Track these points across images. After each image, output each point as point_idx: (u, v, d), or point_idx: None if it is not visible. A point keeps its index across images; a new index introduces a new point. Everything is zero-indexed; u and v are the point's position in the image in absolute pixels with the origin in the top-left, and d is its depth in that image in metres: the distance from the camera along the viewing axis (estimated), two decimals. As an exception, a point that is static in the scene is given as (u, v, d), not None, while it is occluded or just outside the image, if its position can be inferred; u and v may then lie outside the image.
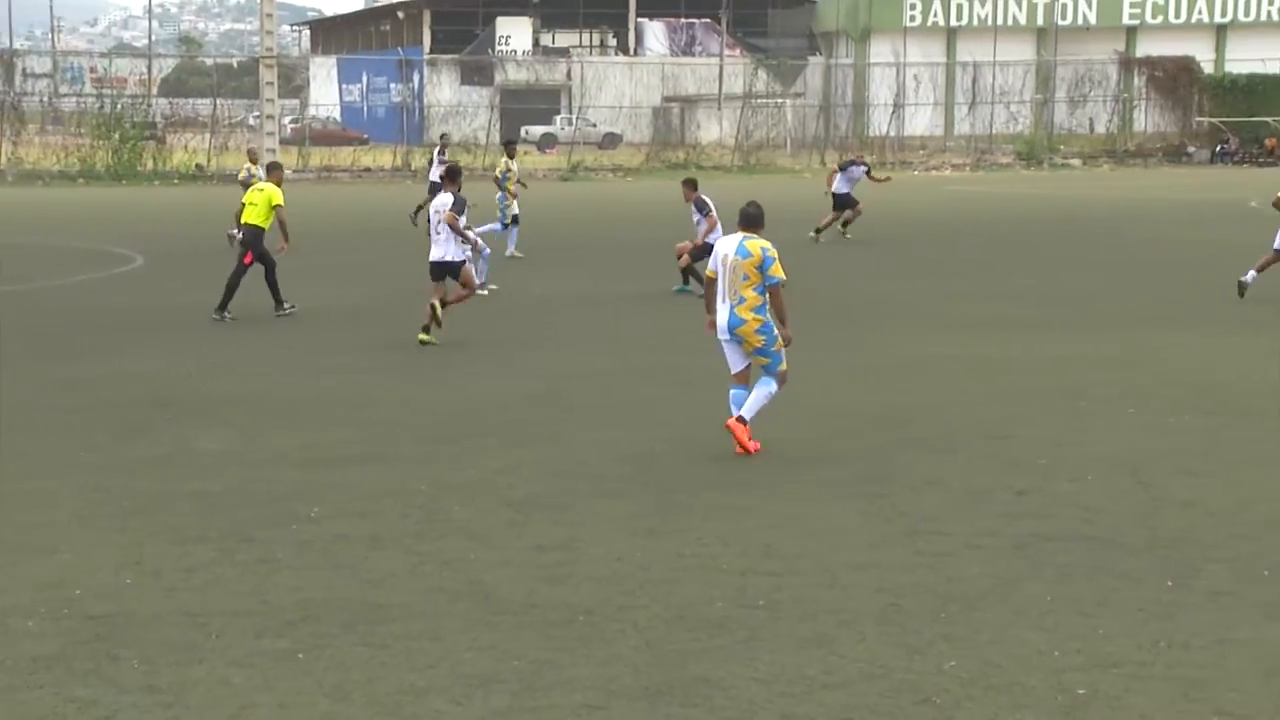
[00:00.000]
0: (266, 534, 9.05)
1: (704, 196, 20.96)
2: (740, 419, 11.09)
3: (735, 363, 11.32)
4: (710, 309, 11.33)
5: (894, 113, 73.95)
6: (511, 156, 26.95)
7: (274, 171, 19.83)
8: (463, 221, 16.92)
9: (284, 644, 7.14)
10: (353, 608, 7.67)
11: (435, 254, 16.85)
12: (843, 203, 29.74)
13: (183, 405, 13.35)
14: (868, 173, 30.59)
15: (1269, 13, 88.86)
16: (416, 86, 76.44)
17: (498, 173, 26.62)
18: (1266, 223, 34.69)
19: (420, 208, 29.50)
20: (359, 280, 23.40)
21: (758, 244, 11.06)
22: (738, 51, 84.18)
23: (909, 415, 12.63)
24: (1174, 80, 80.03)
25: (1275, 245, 20.29)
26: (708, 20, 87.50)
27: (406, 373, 15.07)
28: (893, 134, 72.81)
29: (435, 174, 34.30)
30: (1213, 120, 76.80)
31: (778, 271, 10.99)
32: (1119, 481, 10.23)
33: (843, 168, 30.38)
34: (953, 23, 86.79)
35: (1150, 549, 8.60)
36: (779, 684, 6.60)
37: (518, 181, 26.80)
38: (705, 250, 20.53)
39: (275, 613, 7.59)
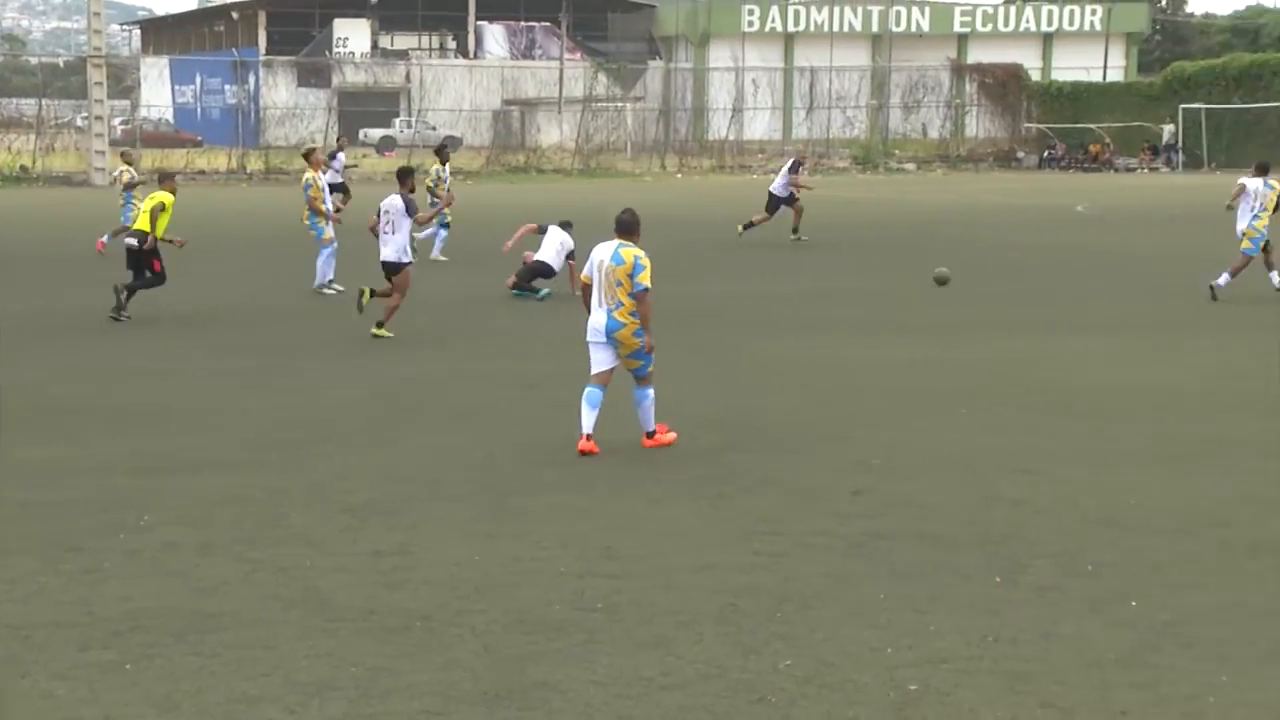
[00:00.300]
0: (94, 543, 8.84)
1: (554, 227, 21.18)
2: (648, 434, 11.51)
3: (600, 363, 11.48)
4: (590, 311, 11.56)
5: (733, 117, 74.62)
6: (444, 162, 26.93)
7: (167, 180, 20.21)
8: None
9: (110, 655, 6.98)
10: (183, 617, 7.52)
11: (386, 254, 17.14)
12: (779, 202, 30.37)
13: (11, 414, 12.98)
14: (793, 169, 31.16)
15: (1091, 23, 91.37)
16: (252, 88, 75.30)
17: (428, 181, 26.44)
18: (1092, 228, 35.59)
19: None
20: (201, 285, 22.93)
21: (631, 251, 11.32)
22: (578, 55, 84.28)
23: (750, 416, 12.73)
24: (1003, 87, 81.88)
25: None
26: (548, 24, 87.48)
27: (250, 378, 14.83)
28: (732, 138, 73.46)
29: (329, 178, 34.05)
30: (1040, 126, 78.66)
31: (645, 279, 11.27)
32: (952, 480, 10.41)
33: (793, 169, 30.94)
34: (790, 28, 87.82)
35: (981, 546, 8.76)
36: (616, 686, 6.61)
37: (447, 189, 26.59)
38: (533, 269, 20.83)
39: (101, 623, 7.42)
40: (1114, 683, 6.56)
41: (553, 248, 20.94)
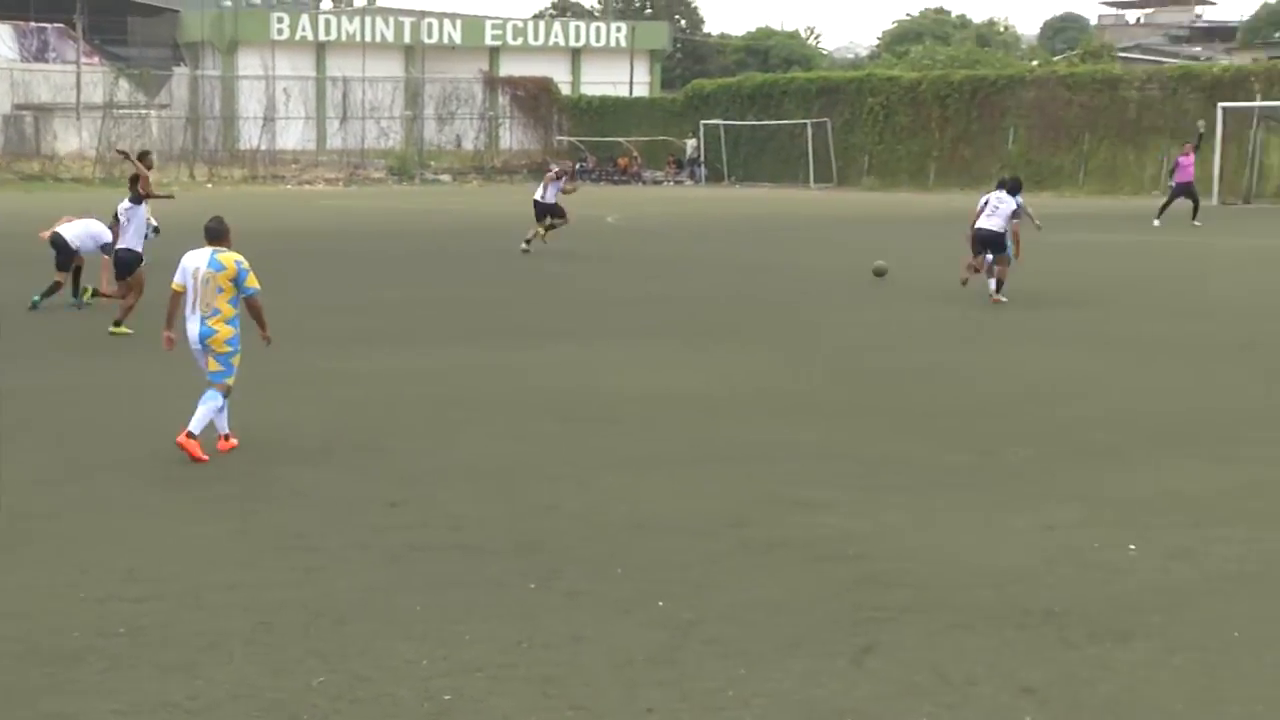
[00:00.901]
0: None
1: (91, 219, 20.89)
2: (189, 434, 11.19)
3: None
4: (170, 323, 11.58)
5: (265, 126, 73.28)
6: (150, 167, 26.42)
7: None
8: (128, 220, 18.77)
9: None
10: None
11: (123, 242, 18.64)
12: (546, 210, 31.31)
13: None
14: (562, 180, 32.22)
15: (617, 39, 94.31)
16: None
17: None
18: (622, 237, 36.68)
19: None
20: None
21: (230, 257, 11.43)
22: (96, 59, 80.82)
23: (284, 429, 12.49)
24: (535, 100, 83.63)
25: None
26: (61, 25, 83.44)
27: None
28: (264, 147, 72.13)
29: None
30: (572, 139, 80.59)
31: (254, 282, 11.51)
32: (487, 489, 10.48)
33: (559, 178, 31.92)
34: (321, 38, 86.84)
35: (516, 554, 8.85)
36: (139, 714, 6.34)
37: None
38: (54, 243, 20.36)
39: None
40: (641, 682, 6.75)
41: (79, 229, 20.55)
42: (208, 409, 11.26)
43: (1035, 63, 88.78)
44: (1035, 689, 6.64)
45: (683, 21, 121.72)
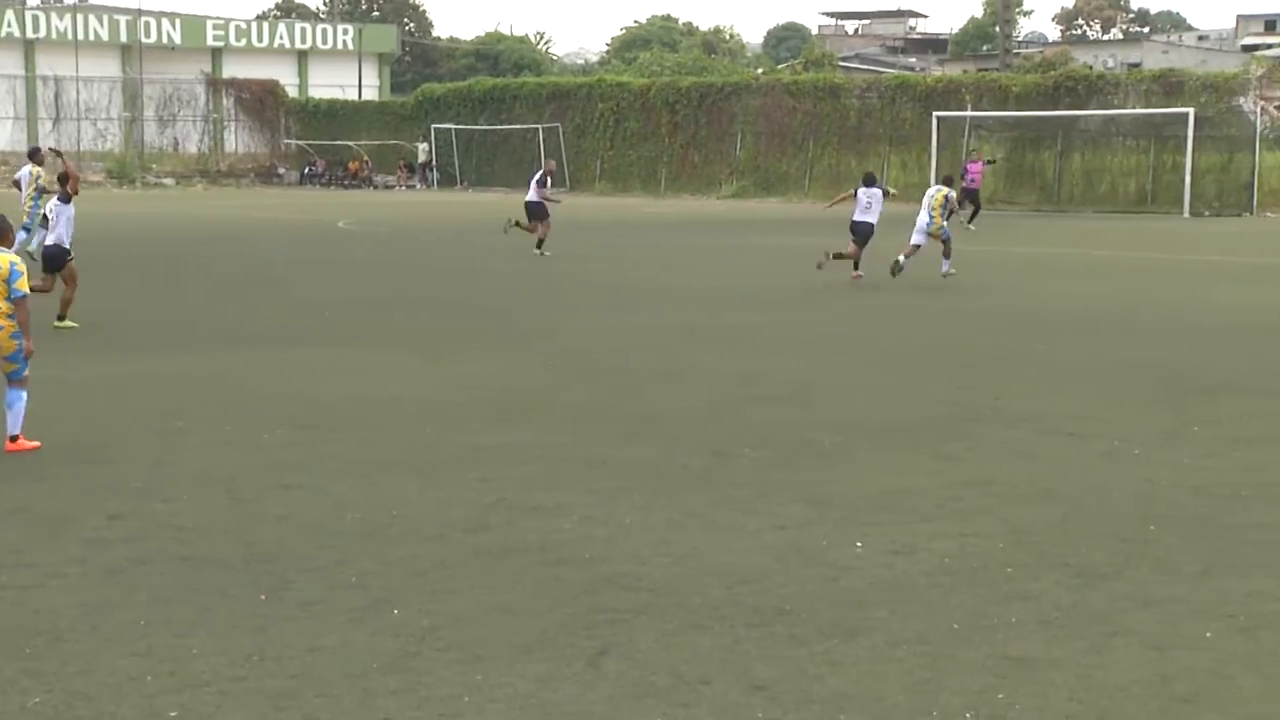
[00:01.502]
0: None
1: None
2: (11, 438, 11.62)
3: None
4: None
5: (-29, 126, 70.35)
6: (40, 164, 27.62)
7: None
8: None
9: None
10: None
11: (50, 239, 19.37)
12: (540, 209, 32.37)
13: None
14: (540, 182, 32.96)
15: (344, 42, 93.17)
16: None
17: (33, 177, 27.77)
18: (355, 242, 36.20)
19: None
20: None
21: (5, 258, 11.54)
22: None
23: (-8, 443, 11.99)
24: (261, 103, 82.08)
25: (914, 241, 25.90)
26: None
27: None
28: (-27, 148, 69.21)
29: None
30: (300, 143, 79.35)
31: (23, 286, 11.60)
32: (215, 499, 10.23)
33: (540, 182, 32.82)
34: (30, 34, 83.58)
35: (245, 564, 8.64)
36: None
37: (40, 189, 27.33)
38: None
39: None
40: (376, 690, 6.65)
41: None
42: (17, 410, 11.59)
43: (760, 70, 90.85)
44: (766, 685, 6.75)
45: (411, 24, 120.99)
